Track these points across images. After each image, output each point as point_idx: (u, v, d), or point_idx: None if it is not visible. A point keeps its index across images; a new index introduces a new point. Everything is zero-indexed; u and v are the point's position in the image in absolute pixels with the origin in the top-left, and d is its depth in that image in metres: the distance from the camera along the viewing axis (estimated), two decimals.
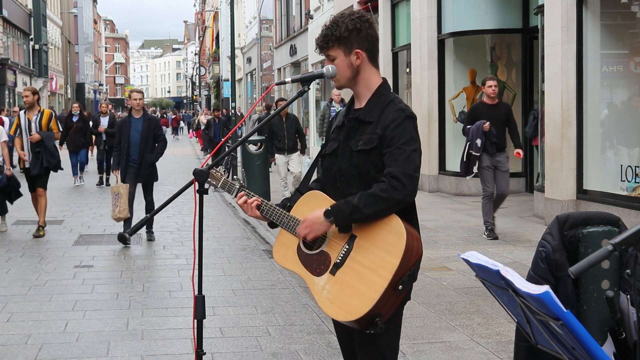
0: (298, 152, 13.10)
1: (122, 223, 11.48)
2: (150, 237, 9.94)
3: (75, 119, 17.66)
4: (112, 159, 10.42)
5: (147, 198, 9.91)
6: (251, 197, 3.09)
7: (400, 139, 2.83)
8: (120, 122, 9.99)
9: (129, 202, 9.61)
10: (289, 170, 13.12)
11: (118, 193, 9.53)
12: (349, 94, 3.20)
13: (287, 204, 3.12)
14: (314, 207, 2.94)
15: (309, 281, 2.94)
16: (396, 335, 3.00)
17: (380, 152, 2.87)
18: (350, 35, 2.92)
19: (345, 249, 2.85)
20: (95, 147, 18.75)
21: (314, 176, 3.35)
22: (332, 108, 15.75)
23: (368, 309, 2.72)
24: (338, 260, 2.86)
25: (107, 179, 17.48)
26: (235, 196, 3.13)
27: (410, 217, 2.90)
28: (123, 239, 9.48)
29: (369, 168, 2.89)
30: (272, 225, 3.11)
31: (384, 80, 3.03)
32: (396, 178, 2.77)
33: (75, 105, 18.37)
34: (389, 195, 2.76)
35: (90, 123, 17.76)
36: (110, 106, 20.89)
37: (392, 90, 3.05)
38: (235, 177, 3.35)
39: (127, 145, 9.63)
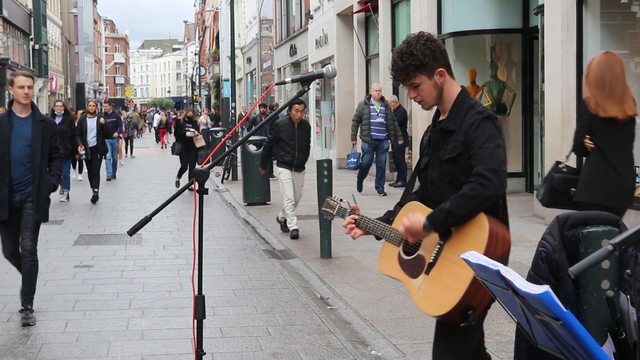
0: (305, 170, 10.13)
1: (122, 221, 11.43)
2: (27, 319, 5.98)
3: (58, 120, 13.56)
4: None
5: (27, 246, 6.11)
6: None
7: (480, 138, 2.97)
8: None
9: (9, 252, 6.34)
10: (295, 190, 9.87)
11: None
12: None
13: (390, 217, 3.29)
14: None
15: (407, 284, 3.09)
16: (469, 335, 3.17)
17: (466, 157, 3.00)
18: (428, 59, 3.04)
19: (437, 249, 2.99)
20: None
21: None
22: (371, 107, 13.75)
23: (457, 300, 2.85)
24: (431, 260, 3.00)
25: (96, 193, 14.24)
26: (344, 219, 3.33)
27: (496, 211, 3.00)
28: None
29: (459, 174, 3.03)
30: (378, 238, 3.28)
31: (463, 88, 3.16)
32: (482, 175, 2.90)
33: (59, 103, 14.58)
34: (477, 193, 2.88)
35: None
36: (111, 106, 19.86)
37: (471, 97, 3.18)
38: (342, 200, 3.06)
39: (5, 161, 5.97)
